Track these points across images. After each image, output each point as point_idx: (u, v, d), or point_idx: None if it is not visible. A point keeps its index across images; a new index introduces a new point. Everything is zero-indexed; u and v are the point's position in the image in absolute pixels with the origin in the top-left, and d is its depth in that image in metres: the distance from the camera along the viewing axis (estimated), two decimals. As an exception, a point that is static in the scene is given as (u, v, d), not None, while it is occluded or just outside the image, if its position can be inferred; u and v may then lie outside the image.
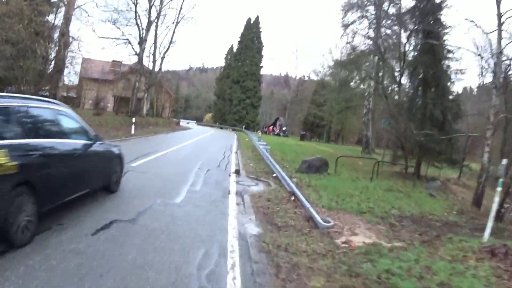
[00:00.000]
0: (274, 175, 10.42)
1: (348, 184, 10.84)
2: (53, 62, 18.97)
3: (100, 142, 5.80)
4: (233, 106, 65.47)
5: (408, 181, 14.00)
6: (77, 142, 5.05)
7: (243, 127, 56.50)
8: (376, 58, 23.39)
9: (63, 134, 4.72)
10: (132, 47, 29.73)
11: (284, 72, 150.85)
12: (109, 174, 6.16)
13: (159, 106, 42.81)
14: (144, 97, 34.28)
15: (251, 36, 67.03)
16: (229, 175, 10.12)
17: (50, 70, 19.00)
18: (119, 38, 29.69)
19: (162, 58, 34.66)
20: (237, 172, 10.53)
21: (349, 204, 7.92)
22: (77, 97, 36.29)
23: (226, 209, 6.50)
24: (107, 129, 20.63)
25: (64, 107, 5.22)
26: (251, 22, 68.14)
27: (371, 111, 27.43)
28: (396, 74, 20.72)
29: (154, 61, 36.19)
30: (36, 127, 4.11)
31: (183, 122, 75.14)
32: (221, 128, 58.49)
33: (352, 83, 30.41)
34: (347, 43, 33.95)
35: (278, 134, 53.53)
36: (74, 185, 4.89)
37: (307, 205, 6.54)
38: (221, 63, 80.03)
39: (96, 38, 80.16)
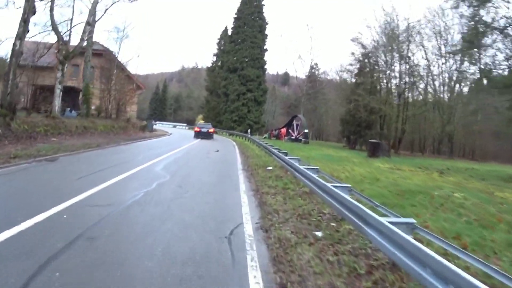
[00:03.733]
0: None
1: None
2: None
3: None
4: (230, 103, 49.15)
5: None
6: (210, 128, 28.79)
7: (249, 130, 39.87)
8: None
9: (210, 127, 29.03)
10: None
11: (285, 68, 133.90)
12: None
13: (116, 100, 26.23)
14: (57, 79, 17.96)
15: (251, 11, 50.75)
16: None
17: None
18: None
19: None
20: None
21: None
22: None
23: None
24: None
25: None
26: (251, -7, 51.78)
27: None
28: None
29: (90, 22, 19.96)
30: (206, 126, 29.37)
31: (165, 126, 58.88)
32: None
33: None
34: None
35: (296, 139, 37.08)
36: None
37: None
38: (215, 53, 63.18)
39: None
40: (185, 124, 67.80)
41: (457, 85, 33.51)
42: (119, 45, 31.57)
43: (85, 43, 19.61)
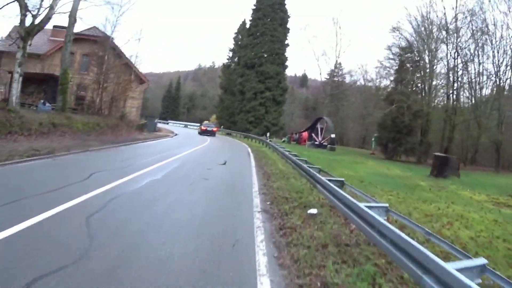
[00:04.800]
0: None
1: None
2: None
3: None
4: (246, 102, 44.28)
5: None
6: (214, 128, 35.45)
7: (267, 134, 34.94)
8: None
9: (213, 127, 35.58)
10: None
11: (303, 70, 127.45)
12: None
13: (108, 92, 21.75)
14: (16, 60, 13.54)
15: (272, 2, 45.78)
16: None
17: None
18: None
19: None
20: None
21: None
22: None
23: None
24: None
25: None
26: (272, -17, 46.78)
27: None
28: None
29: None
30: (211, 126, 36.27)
31: (176, 126, 54.81)
32: (224, 134, 37.69)
33: None
34: None
35: (321, 145, 31.94)
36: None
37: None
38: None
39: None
40: (198, 124, 63.31)
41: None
42: (113, 23, 25.05)
43: (54, 13, 15.01)
